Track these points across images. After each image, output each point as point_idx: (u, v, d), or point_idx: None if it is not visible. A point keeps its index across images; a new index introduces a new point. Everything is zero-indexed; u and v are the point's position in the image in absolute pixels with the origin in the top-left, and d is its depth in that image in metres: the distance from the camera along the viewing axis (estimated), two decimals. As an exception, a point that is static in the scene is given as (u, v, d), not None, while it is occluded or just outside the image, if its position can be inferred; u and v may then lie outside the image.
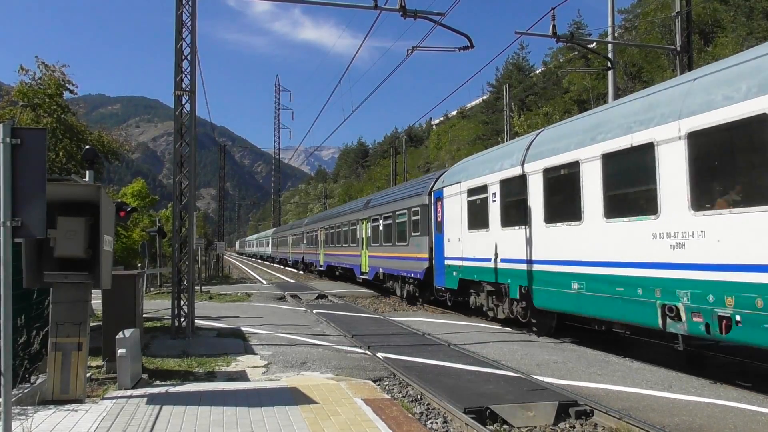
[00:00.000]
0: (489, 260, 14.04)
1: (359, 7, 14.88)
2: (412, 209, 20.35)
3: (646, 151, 9.13)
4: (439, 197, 17.54)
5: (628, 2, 54.73)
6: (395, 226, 22.23)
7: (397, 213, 22.21)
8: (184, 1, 13.71)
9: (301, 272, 46.89)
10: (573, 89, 51.88)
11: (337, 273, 35.24)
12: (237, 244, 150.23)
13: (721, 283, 7.73)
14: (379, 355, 10.64)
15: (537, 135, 13.18)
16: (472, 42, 14.81)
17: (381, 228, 24.18)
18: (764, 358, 9.57)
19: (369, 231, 26.08)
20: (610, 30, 19.72)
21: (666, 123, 8.78)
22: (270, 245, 72.22)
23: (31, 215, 5.16)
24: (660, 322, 8.79)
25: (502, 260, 13.49)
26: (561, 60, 55.29)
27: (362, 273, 27.40)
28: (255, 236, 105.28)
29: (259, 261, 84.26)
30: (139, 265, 26.31)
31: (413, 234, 20.04)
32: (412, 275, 20.10)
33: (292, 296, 24.33)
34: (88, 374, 8.04)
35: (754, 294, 7.25)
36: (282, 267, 59.32)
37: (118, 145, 24.65)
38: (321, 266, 38.90)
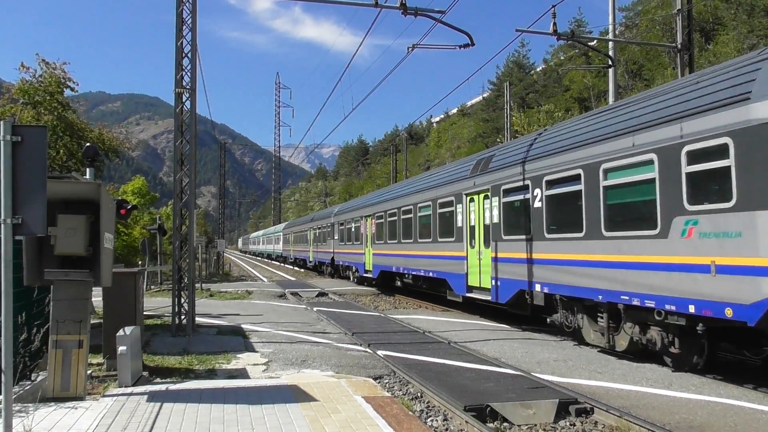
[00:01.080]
0: None
1: (360, 5, 14.87)
2: (709, 144, 8.37)
3: None
4: None
5: (629, 0, 54.64)
6: (600, 198, 10.37)
7: (605, 167, 10.33)
8: (184, -1, 13.70)
9: (329, 277, 36.41)
10: (574, 87, 51.86)
11: (399, 283, 23.49)
12: (240, 241, 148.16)
13: None
14: (380, 352, 10.64)
15: None
16: (472, 40, 14.78)
17: (539, 205, 12.33)
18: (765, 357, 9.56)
19: (491, 213, 14.52)
20: (610, 28, 19.69)
21: None
22: (281, 242, 61.61)
23: (31, 213, 5.16)
24: None
25: None
26: (562, 58, 55.21)
27: (472, 288, 15.64)
28: (261, 232, 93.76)
29: (266, 261, 75.76)
30: (140, 262, 26.32)
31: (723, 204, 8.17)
32: (707, 312, 8.31)
33: (292, 294, 24.33)
34: (89, 372, 8.05)
35: None
36: (296, 269, 49.28)
37: (118, 142, 24.64)
38: (367, 271, 26.67)
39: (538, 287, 12.36)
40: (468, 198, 15.97)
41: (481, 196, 15.21)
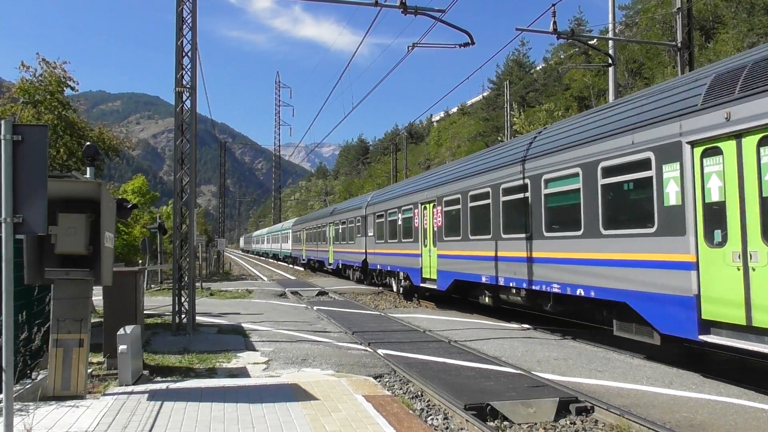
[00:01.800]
0: None
1: (360, 4, 14.87)
2: None
3: None
4: None
5: (629, -1, 54.64)
6: None
7: None
8: (184, -2, 13.70)
9: (357, 283, 29.44)
10: (574, 86, 51.85)
11: (487, 299, 15.34)
12: (241, 240, 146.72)
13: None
14: (380, 351, 10.64)
15: None
16: (472, 38, 14.78)
17: None
18: (765, 356, 9.56)
19: None
20: (610, 26, 19.67)
21: None
22: (290, 240, 54.80)
23: (32, 212, 5.16)
24: None
25: None
26: (562, 56, 55.20)
27: (715, 326, 8.03)
28: (266, 230, 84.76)
29: (269, 261, 69.83)
30: (140, 261, 26.32)
31: None
32: None
33: (292, 293, 24.33)
34: (89, 370, 8.05)
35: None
36: (309, 271, 42.81)
37: (118, 141, 24.64)
38: (425, 280, 19.07)
39: None
40: (698, 150, 8.35)
41: (748, 141, 7.56)
